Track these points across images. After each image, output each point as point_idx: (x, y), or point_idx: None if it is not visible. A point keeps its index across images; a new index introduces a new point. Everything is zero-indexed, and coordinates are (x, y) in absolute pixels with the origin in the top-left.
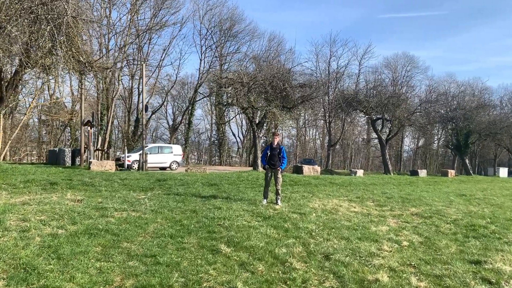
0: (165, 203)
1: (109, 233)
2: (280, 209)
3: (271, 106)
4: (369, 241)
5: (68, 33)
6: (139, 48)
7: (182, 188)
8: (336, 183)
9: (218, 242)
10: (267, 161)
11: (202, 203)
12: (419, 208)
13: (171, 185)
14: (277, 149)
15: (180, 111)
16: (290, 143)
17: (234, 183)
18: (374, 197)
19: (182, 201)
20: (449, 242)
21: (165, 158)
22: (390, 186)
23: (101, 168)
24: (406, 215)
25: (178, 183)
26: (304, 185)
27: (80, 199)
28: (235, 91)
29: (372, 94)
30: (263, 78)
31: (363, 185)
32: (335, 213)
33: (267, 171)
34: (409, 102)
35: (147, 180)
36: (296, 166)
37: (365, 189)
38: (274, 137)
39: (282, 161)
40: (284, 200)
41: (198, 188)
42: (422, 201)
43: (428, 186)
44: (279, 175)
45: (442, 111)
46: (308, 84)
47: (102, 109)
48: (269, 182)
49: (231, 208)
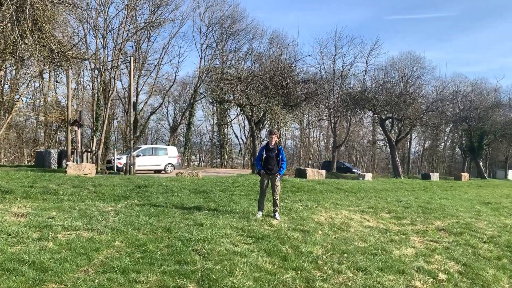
0: (133, 218)
1: (34, 268)
2: (278, 225)
3: (272, 103)
4: (394, 273)
5: (34, 16)
6: (137, 45)
7: (164, 196)
8: (344, 189)
9: (188, 280)
10: (263, 165)
11: (182, 218)
12: (444, 221)
13: (151, 193)
14: (274, 151)
15: (181, 112)
16: (294, 145)
17: (227, 190)
18: (389, 207)
19: (157, 215)
20: (497, 273)
21: (159, 160)
22: (404, 192)
23: (78, 172)
24: (432, 231)
25: (161, 190)
26: (308, 191)
27: (26, 213)
28: (231, 86)
29: (381, 92)
30: (262, 72)
31: (374, 191)
32: (346, 229)
33: (263, 177)
34: (421, 100)
35: (125, 186)
36: (299, 169)
37: (377, 197)
38: (270, 136)
39: (280, 165)
40: (283, 212)
41: (182, 196)
42: (445, 212)
43: (445, 191)
44: (277, 182)
45: (456, 109)
46: (312, 80)
47: (98, 109)
48: (265, 191)
49: (216, 225)
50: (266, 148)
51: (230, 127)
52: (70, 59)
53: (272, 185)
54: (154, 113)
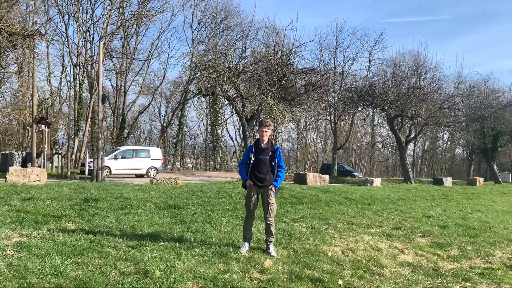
0: (38, 262)
1: None
2: (273, 268)
3: (266, 96)
4: None
5: None
6: (125, 40)
7: (115, 215)
8: (354, 198)
9: None
10: (250, 172)
11: (120, 257)
12: (504, 249)
13: (101, 209)
14: (267, 152)
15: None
16: (290, 147)
17: (207, 203)
18: (421, 227)
19: (82, 253)
20: None
21: (141, 163)
22: (425, 203)
23: (23, 178)
24: (503, 272)
25: (116, 204)
26: (311, 203)
27: None
28: (218, 75)
29: (390, 85)
30: (255, 59)
31: (390, 201)
32: (378, 271)
33: (250, 191)
34: (436, 96)
35: (68, 200)
36: (298, 174)
37: (398, 210)
38: (262, 129)
39: (277, 173)
40: (281, 239)
41: (143, 214)
42: (495, 233)
43: (469, 200)
44: (272, 199)
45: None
46: (314, 70)
47: (80, 108)
48: (254, 211)
49: (170, 274)
50: (255, 148)
51: (224, 128)
52: (7, 33)
53: (264, 203)
54: (144, 113)
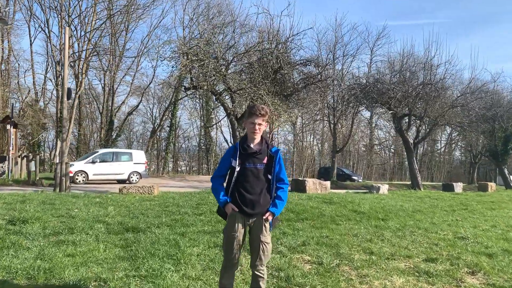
0: None
1: None
2: None
3: (259, 88)
4: None
5: None
6: (113, 37)
7: (42, 245)
8: (363, 211)
9: None
10: (232, 190)
11: None
12: None
13: (25, 236)
14: (261, 157)
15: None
16: (286, 150)
17: (179, 223)
18: (461, 256)
19: None
20: None
21: (122, 167)
22: (446, 216)
23: None
24: None
25: (52, 228)
26: (313, 219)
27: None
28: (201, 63)
29: (398, 81)
30: (246, 48)
31: (406, 214)
32: None
33: (233, 222)
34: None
35: None
36: (296, 180)
37: (420, 227)
38: (251, 120)
39: (276, 191)
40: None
41: (83, 244)
42: None
43: (494, 211)
44: (267, 237)
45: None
46: (314, 62)
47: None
48: (238, 256)
49: None
50: (240, 149)
51: (218, 130)
52: None
53: (254, 241)
54: (135, 115)
